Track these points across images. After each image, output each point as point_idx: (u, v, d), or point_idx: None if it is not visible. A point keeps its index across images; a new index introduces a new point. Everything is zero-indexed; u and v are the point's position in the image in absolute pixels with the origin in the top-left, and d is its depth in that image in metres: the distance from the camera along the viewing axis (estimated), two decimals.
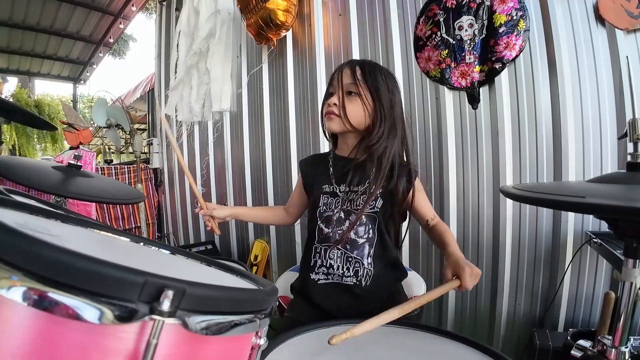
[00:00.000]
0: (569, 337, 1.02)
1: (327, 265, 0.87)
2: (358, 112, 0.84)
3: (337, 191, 0.88)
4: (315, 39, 1.78)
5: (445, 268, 0.72)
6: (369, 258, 0.86)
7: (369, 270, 0.86)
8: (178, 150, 0.98)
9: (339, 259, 0.86)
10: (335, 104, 0.85)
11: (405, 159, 0.89)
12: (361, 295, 0.86)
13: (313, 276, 0.88)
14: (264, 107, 2.11)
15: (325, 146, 1.63)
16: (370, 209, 0.86)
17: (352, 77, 0.85)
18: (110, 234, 0.54)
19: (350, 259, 0.86)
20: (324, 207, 0.89)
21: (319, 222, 0.89)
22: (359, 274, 0.85)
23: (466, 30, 1.33)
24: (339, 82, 0.86)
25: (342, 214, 0.87)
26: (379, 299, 0.86)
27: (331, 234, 0.87)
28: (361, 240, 0.86)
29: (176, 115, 2.73)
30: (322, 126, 0.92)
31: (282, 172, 2.01)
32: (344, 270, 0.86)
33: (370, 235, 0.86)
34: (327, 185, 0.90)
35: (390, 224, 0.89)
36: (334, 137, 0.96)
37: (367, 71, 0.85)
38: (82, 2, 4.95)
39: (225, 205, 1.84)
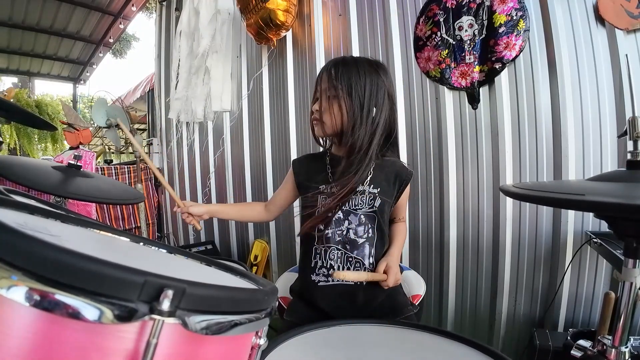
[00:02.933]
0: (569, 337, 1.02)
1: (328, 267, 0.86)
2: (337, 115, 0.84)
3: (336, 191, 0.88)
4: (315, 39, 1.78)
5: (381, 261, 0.85)
6: (370, 258, 0.86)
7: (370, 270, 0.86)
8: (153, 166, 1.05)
9: (339, 260, 0.86)
10: (317, 110, 0.87)
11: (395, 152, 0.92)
12: (363, 296, 0.86)
13: (313, 277, 0.87)
14: (263, 108, 2.11)
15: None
16: (369, 208, 0.86)
17: (328, 80, 0.85)
18: (110, 234, 0.54)
19: (350, 260, 0.85)
20: (323, 208, 0.89)
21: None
22: None
23: (466, 30, 1.33)
24: (319, 87, 0.87)
25: (341, 214, 0.87)
26: (379, 300, 0.86)
27: (330, 235, 0.87)
28: (361, 240, 0.86)
29: (178, 118, 2.71)
30: (312, 131, 0.92)
31: (282, 172, 2.01)
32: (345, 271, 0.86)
33: (370, 235, 0.86)
34: (324, 185, 0.89)
35: (387, 222, 0.90)
36: (331, 138, 0.96)
37: (340, 71, 0.84)
38: (82, 2, 4.96)
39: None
